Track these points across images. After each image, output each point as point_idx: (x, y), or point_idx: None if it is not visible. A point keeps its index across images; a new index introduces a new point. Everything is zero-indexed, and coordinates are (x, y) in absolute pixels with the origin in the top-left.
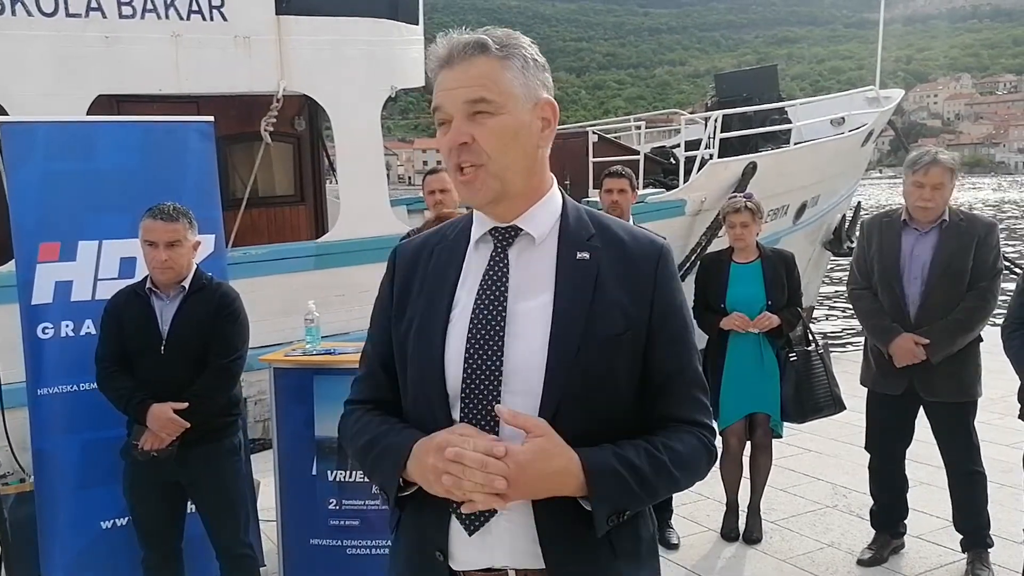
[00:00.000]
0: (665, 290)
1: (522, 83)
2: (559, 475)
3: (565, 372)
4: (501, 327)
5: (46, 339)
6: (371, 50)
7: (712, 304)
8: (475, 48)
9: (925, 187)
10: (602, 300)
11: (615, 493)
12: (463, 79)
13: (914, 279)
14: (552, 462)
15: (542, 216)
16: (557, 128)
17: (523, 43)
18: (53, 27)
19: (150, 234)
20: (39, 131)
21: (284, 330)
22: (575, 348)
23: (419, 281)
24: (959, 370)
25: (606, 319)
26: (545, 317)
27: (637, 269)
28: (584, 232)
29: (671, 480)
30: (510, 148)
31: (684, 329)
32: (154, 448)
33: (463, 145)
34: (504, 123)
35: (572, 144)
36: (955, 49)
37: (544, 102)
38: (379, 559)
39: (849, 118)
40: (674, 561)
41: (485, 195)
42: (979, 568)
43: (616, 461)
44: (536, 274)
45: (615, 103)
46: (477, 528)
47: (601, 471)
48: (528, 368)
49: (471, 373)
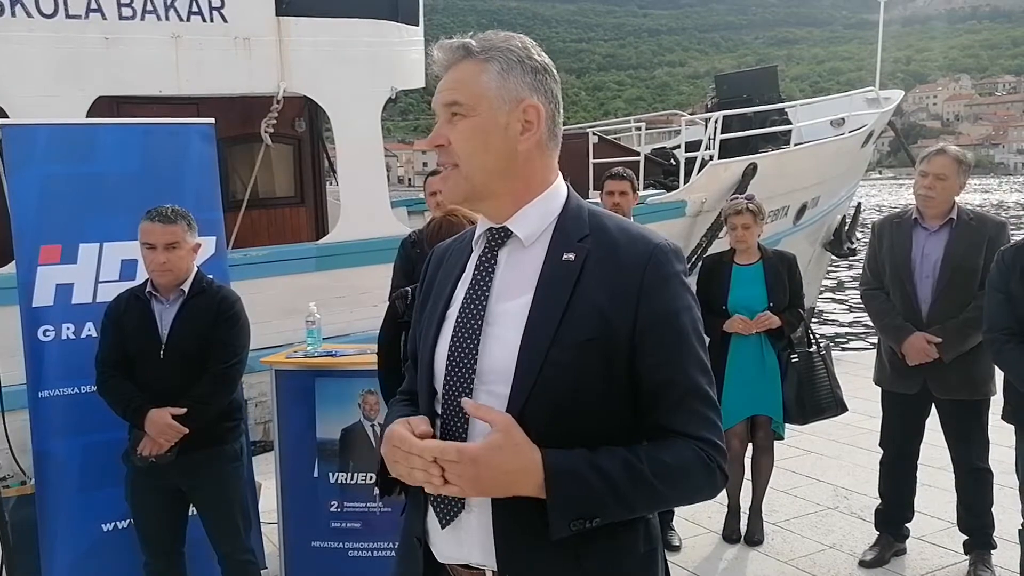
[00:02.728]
0: (654, 296)
1: (499, 85)
2: (517, 472)
3: (533, 374)
4: (479, 327)
5: (47, 341)
6: (371, 51)
7: (714, 306)
8: (457, 52)
9: (928, 176)
10: (579, 303)
11: (577, 497)
12: (445, 83)
13: (925, 278)
14: (509, 457)
15: (532, 217)
16: None
17: (512, 46)
18: (53, 28)
19: (148, 236)
20: (40, 133)
21: (285, 332)
22: (544, 350)
23: (436, 282)
24: (971, 368)
25: (579, 323)
26: (522, 318)
27: (623, 272)
28: (577, 232)
29: (652, 492)
30: (479, 150)
31: (678, 337)
32: (153, 454)
33: (439, 147)
34: (473, 125)
35: (572, 145)
36: (954, 50)
37: (527, 104)
38: (381, 561)
39: (849, 119)
40: (676, 563)
41: (456, 194)
42: (981, 570)
43: (583, 464)
44: (521, 275)
45: (615, 104)
46: (449, 521)
47: (562, 472)
48: (501, 368)
49: (451, 371)
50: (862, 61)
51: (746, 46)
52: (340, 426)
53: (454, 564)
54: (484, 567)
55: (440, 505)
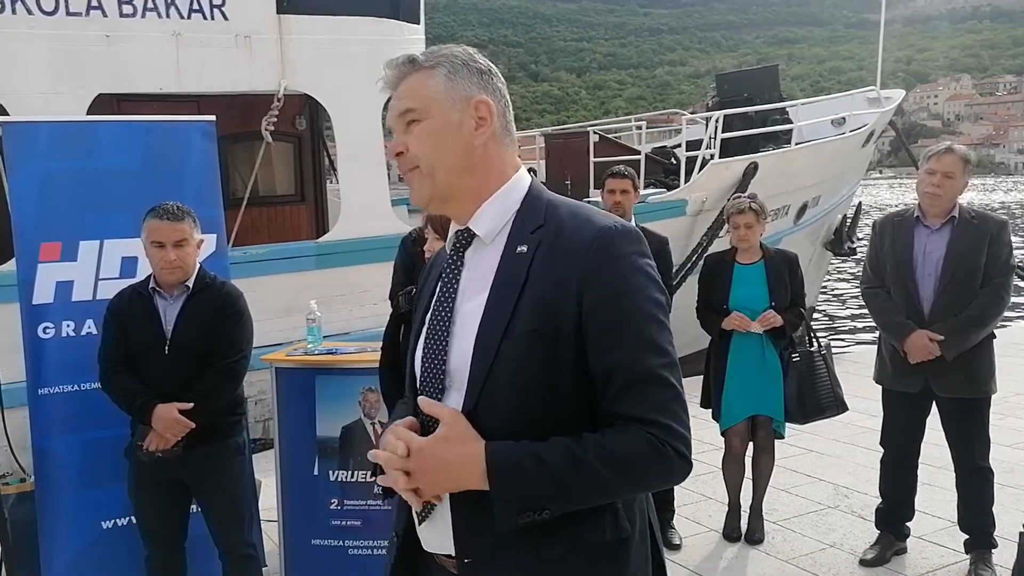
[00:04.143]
0: (596, 280)
1: (448, 87)
2: (461, 464)
3: (485, 368)
4: (447, 328)
5: (47, 339)
6: (372, 49)
7: (715, 305)
8: (404, 66)
9: (936, 174)
10: (528, 294)
11: (518, 489)
12: (396, 95)
13: (927, 276)
14: (453, 450)
15: (490, 214)
16: (558, 128)
17: (455, 52)
18: (53, 26)
19: (157, 235)
20: (40, 130)
21: (285, 330)
22: (496, 345)
23: (424, 288)
24: (973, 366)
25: (526, 314)
26: (478, 316)
27: (566, 258)
28: (532, 223)
29: (597, 480)
30: (436, 149)
31: (621, 321)
32: (159, 449)
33: (399, 155)
34: (427, 127)
35: (573, 144)
36: (955, 50)
37: (477, 101)
38: (381, 559)
39: (850, 118)
40: (676, 562)
41: (422, 195)
42: (982, 568)
43: (525, 456)
44: (482, 273)
45: (616, 103)
46: (423, 519)
47: (502, 463)
48: (462, 366)
49: (424, 372)
50: (863, 60)
51: (747, 45)
52: (340, 424)
53: (439, 553)
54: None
55: None
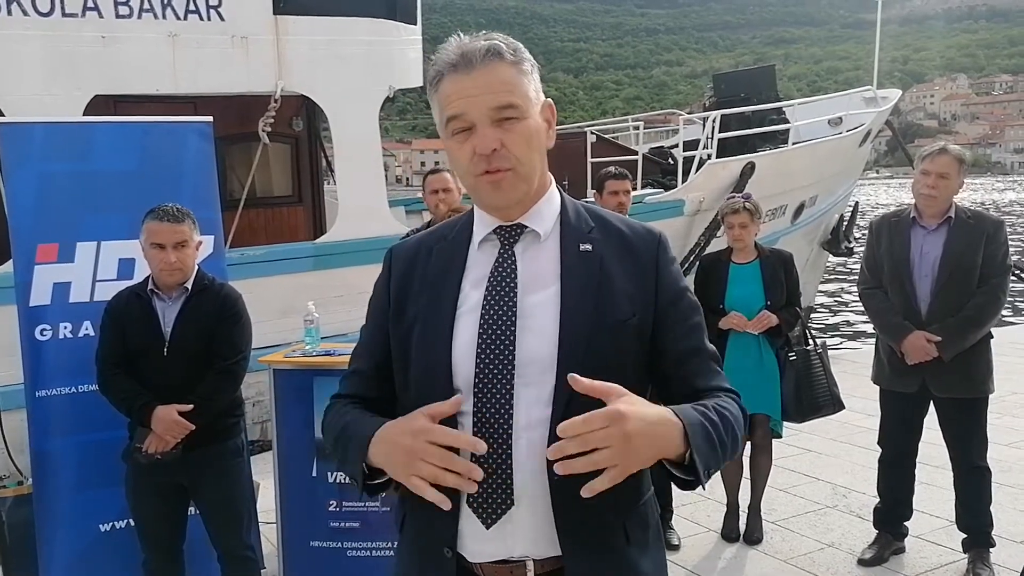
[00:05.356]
0: (667, 275)
1: (534, 88)
2: (662, 424)
3: (577, 360)
4: (512, 321)
5: (44, 341)
6: (369, 50)
7: (711, 305)
8: (493, 54)
9: (931, 175)
10: (608, 288)
11: (709, 446)
12: (487, 85)
13: (924, 276)
14: (651, 409)
15: (546, 213)
16: (556, 129)
17: (523, 48)
18: (49, 27)
19: (157, 236)
20: (36, 132)
21: (283, 331)
22: (585, 336)
23: (419, 281)
24: (970, 366)
25: (613, 305)
26: (554, 308)
27: (638, 257)
28: (584, 225)
29: (736, 438)
30: (533, 151)
31: (693, 310)
32: (158, 451)
33: (494, 152)
34: (528, 127)
35: (571, 144)
36: (951, 49)
37: (546, 104)
38: (380, 561)
39: (847, 118)
40: (675, 562)
41: (514, 196)
42: (980, 568)
43: (695, 415)
44: (542, 268)
45: (613, 103)
46: (495, 520)
47: (692, 421)
48: (540, 358)
49: (484, 367)
50: (859, 60)
51: (744, 45)
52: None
53: (486, 562)
54: (525, 558)
55: (483, 506)
